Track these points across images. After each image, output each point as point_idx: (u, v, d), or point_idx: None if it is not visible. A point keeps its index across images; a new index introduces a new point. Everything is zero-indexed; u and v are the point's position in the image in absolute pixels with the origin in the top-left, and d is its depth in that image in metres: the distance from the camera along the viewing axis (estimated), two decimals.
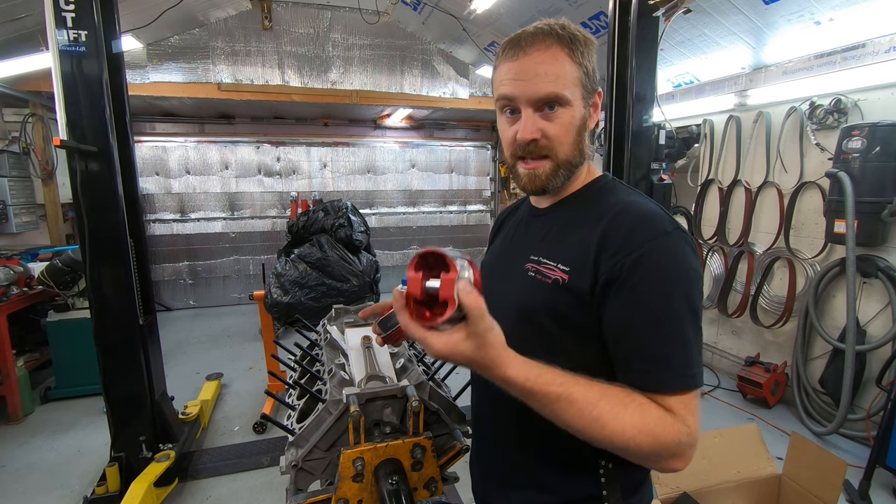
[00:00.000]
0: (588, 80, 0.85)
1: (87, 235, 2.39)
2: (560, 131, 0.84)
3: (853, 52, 3.06)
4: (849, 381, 2.96)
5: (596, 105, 0.89)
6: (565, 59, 0.83)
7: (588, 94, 0.86)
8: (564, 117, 0.84)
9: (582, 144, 0.88)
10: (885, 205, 2.86)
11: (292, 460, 1.24)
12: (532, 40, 0.85)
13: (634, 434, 0.74)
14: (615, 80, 3.17)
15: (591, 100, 0.87)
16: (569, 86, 0.83)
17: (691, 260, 0.79)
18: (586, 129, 0.88)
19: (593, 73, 0.86)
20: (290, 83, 5.54)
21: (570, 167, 0.89)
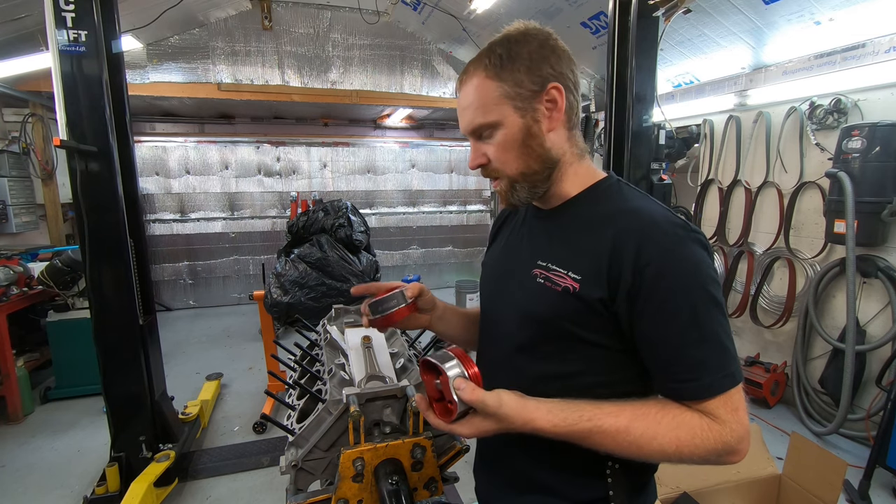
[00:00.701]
0: (519, 89, 0.84)
1: (87, 235, 2.39)
2: (498, 151, 0.86)
3: (853, 52, 3.06)
4: (849, 381, 2.96)
5: (552, 101, 0.85)
6: (485, 82, 0.84)
7: (524, 101, 0.84)
8: (498, 138, 0.86)
9: (537, 151, 0.86)
10: (885, 205, 2.86)
11: (292, 460, 1.24)
12: (462, 76, 0.89)
13: (675, 450, 0.75)
14: (615, 80, 3.17)
15: (532, 103, 0.84)
16: (491, 109, 0.84)
17: (707, 260, 0.80)
18: (536, 135, 0.85)
19: (527, 79, 0.84)
20: (290, 83, 5.55)
21: (530, 177, 0.88)
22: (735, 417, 0.77)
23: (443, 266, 7.94)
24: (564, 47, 0.89)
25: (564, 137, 0.89)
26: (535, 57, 0.85)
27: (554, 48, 0.87)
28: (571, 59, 0.90)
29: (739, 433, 0.76)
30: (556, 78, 0.85)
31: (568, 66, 0.88)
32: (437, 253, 7.87)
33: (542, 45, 0.86)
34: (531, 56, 0.85)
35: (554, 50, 0.87)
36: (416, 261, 7.75)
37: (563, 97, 0.85)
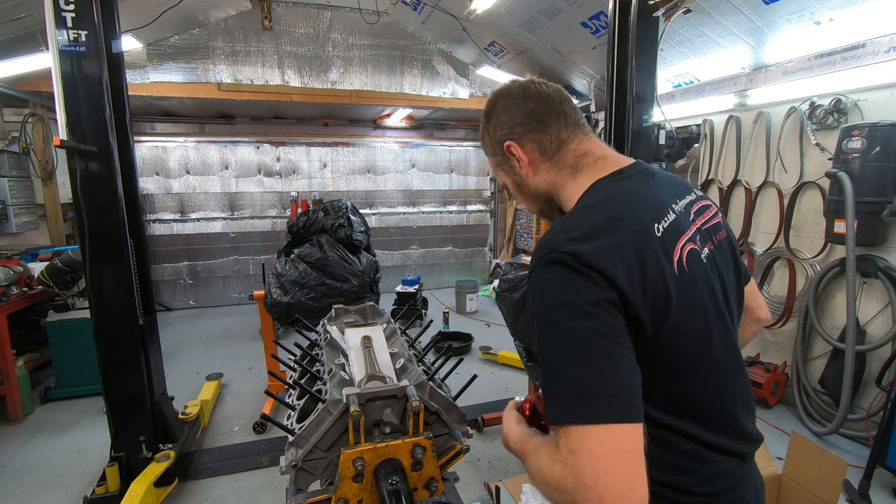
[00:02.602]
0: (494, 157, 1.01)
1: (87, 235, 2.39)
2: (518, 200, 1.08)
3: (853, 52, 3.06)
4: (849, 381, 2.96)
5: (511, 155, 0.96)
6: (487, 160, 1.07)
7: (502, 164, 1.01)
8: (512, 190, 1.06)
9: (529, 194, 1.01)
10: (885, 205, 2.86)
11: (292, 460, 1.24)
12: None
13: (537, 478, 0.74)
14: (615, 80, 3.17)
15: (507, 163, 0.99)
16: (497, 174, 1.07)
17: (556, 281, 0.73)
18: (521, 183, 1.00)
19: (492, 149, 1.00)
20: (290, 83, 5.54)
21: (540, 212, 1.04)
22: (570, 460, 0.65)
23: (443, 266, 7.94)
24: (513, 93, 0.96)
25: (547, 169, 0.95)
26: (489, 129, 0.99)
27: (497, 111, 0.97)
28: (528, 97, 0.94)
29: (578, 481, 0.63)
30: (507, 136, 0.95)
31: (517, 115, 0.94)
32: (437, 253, 7.87)
33: (490, 115, 0.99)
34: (487, 130, 1.00)
35: (497, 113, 0.97)
36: (416, 261, 7.75)
37: (519, 148, 0.95)
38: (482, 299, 6.75)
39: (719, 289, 0.85)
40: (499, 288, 2.86)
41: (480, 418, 3.32)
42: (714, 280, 0.84)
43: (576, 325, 0.70)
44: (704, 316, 0.80)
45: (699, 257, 0.83)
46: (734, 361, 0.87)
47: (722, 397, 0.85)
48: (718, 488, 0.83)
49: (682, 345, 0.78)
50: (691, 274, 0.79)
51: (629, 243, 0.74)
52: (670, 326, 0.75)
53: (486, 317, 6.18)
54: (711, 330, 0.81)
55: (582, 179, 0.91)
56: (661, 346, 0.75)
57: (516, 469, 2.87)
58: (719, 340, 0.83)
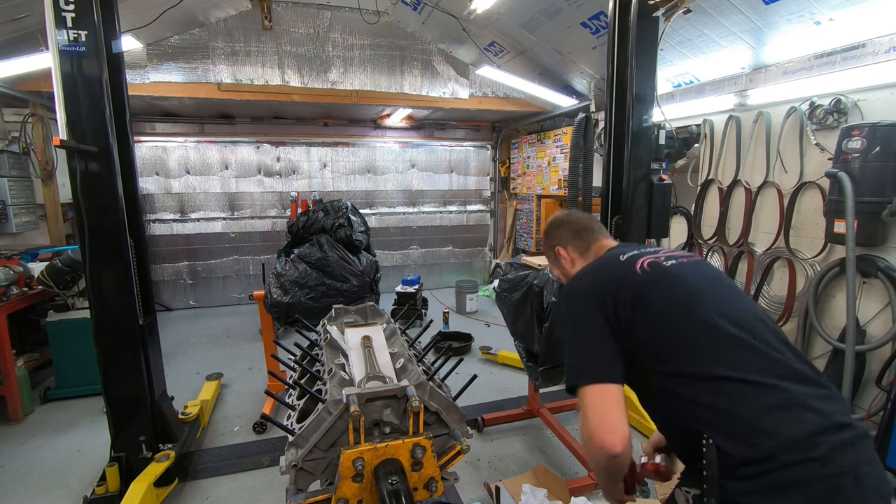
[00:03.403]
0: (551, 254, 1.61)
1: (87, 235, 2.39)
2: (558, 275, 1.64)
3: (853, 52, 3.06)
4: (849, 381, 2.95)
5: (560, 257, 1.56)
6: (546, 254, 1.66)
7: (555, 260, 1.59)
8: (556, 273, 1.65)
9: (565, 275, 1.56)
10: (885, 205, 2.86)
11: (292, 460, 1.24)
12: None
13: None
14: (615, 80, 3.17)
15: (558, 259, 1.57)
16: (552, 264, 1.65)
17: (567, 297, 1.29)
18: (563, 269, 1.56)
19: (550, 252, 1.60)
20: (290, 83, 5.54)
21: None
22: (583, 414, 1.09)
23: (443, 266, 7.94)
24: (558, 224, 1.59)
25: (581, 261, 1.51)
26: (548, 241, 1.61)
27: (551, 233, 1.60)
28: (570, 220, 1.57)
29: (590, 427, 1.06)
30: (558, 243, 1.56)
31: (564, 233, 1.55)
32: (437, 253, 7.87)
33: (548, 232, 1.61)
34: (547, 243, 1.62)
35: (550, 233, 1.60)
36: (416, 261, 7.75)
37: (565, 249, 1.54)
38: (482, 299, 6.75)
39: (693, 271, 1.25)
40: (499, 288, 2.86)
41: (480, 418, 3.32)
42: (683, 271, 1.23)
43: (575, 316, 1.22)
44: (675, 284, 1.19)
45: (661, 263, 1.24)
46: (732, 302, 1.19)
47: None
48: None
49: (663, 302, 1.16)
50: (652, 272, 1.21)
51: (604, 274, 1.27)
52: (644, 302, 1.15)
53: (486, 317, 6.18)
54: (689, 290, 1.18)
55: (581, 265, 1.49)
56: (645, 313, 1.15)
57: (516, 469, 2.87)
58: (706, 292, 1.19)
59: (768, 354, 1.06)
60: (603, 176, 3.42)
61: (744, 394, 1.01)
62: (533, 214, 7.15)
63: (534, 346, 2.57)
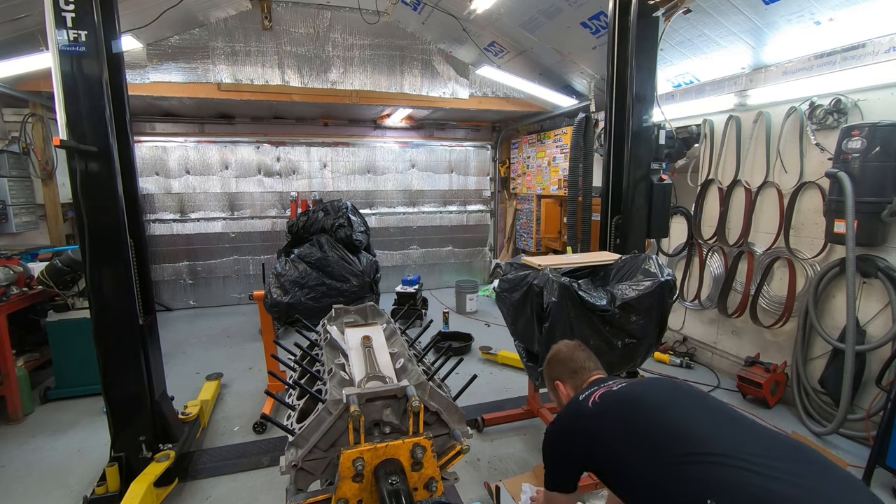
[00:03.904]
0: (550, 386, 1.81)
1: (87, 235, 2.39)
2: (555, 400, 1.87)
3: (853, 52, 3.06)
4: (849, 381, 2.96)
5: (556, 388, 1.77)
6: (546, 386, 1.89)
7: (554, 391, 1.80)
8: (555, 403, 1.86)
9: (560, 404, 1.76)
10: (885, 205, 2.86)
11: (292, 460, 1.24)
12: None
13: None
14: (615, 80, 3.17)
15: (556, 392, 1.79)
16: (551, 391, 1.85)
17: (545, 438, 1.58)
18: (558, 399, 1.78)
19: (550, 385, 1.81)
20: (290, 83, 5.54)
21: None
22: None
23: (443, 266, 7.94)
24: (560, 361, 1.78)
25: (570, 394, 1.69)
26: (549, 372, 1.82)
27: (553, 367, 1.79)
28: (574, 358, 1.76)
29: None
30: (557, 377, 1.76)
31: (564, 371, 1.75)
32: (437, 253, 7.87)
33: (550, 365, 1.81)
34: (548, 374, 1.82)
35: (552, 366, 1.80)
36: (416, 261, 7.75)
37: (563, 385, 1.74)
38: (482, 299, 6.75)
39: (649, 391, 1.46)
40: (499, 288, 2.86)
41: (480, 418, 3.32)
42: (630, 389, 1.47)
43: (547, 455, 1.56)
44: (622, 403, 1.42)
45: (611, 391, 1.47)
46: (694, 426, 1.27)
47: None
48: None
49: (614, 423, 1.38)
50: (601, 402, 1.43)
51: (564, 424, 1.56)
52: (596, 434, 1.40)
53: (486, 317, 6.18)
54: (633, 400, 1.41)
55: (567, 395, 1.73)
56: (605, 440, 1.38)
57: (516, 469, 2.87)
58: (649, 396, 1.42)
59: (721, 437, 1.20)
60: (603, 176, 3.43)
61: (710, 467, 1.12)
62: (533, 214, 7.15)
63: (534, 346, 2.57)
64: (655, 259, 2.52)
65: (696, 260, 4.54)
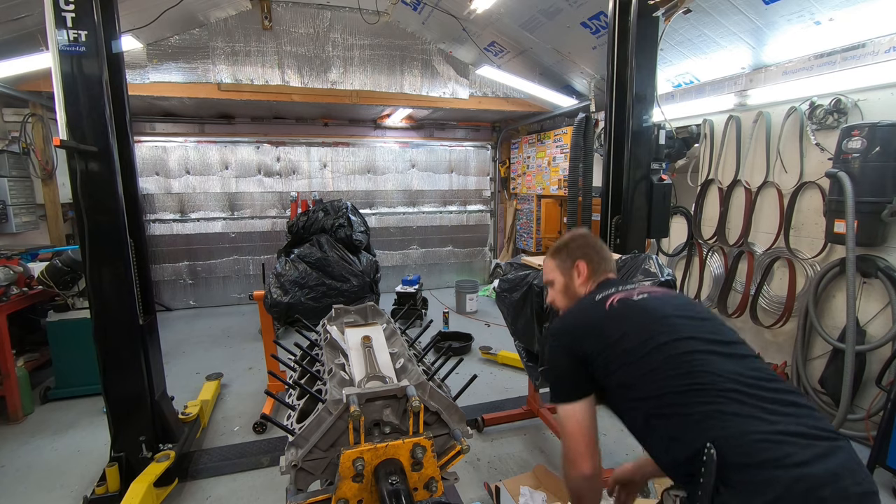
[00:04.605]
0: (563, 263, 1.62)
1: (87, 235, 2.39)
2: (554, 296, 1.68)
3: (853, 52, 3.06)
4: (849, 381, 2.95)
5: (575, 268, 1.59)
6: (550, 260, 1.67)
7: (566, 269, 1.61)
8: (555, 288, 1.66)
9: (570, 293, 1.61)
10: (885, 205, 2.86)
11: (292, 460, 1.24)
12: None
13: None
14: (615, 80, 3.17)
15: (569, 271, 1.60)
16: (550, 273, 1.67)
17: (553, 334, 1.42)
18: (569, 286, 1.61)
19: (567, 257, 1.61)
20: (290, 83, 5.54)
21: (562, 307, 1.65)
22: (561, 436, 1.35)
23: (443, 266, 7.94)
24: (592, 244, 1.61)
25: (585, 281, 1.57)
26: (569, 248, 1.63)
27: (582, 245, 1.61)
28: (595, 245, 1.61)
29: (563, 456, 1.33)
30: (582, 256, 1.58)
31: (592, 250, 1.59)
32: (437, 253, 7.87)
33: (573, 244, 1.62)
34: (567, 253, 1.62)
35: (581, 245, 1.61)
36: (416, 261, 7.75)
37: (586, 266, 1.57)
38: (482, 299, 6.75)
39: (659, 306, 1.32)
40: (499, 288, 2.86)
41: (480, 418, 3.32)
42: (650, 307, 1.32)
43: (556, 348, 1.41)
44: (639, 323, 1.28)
45: (631, 299, 1.35)
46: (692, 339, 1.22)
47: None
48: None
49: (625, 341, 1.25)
50: (620, 307, 1.34)
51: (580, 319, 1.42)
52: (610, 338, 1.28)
53: (486, 317, 6.18)
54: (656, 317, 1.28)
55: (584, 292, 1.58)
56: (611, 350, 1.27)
57: (516, 469, 2.88)
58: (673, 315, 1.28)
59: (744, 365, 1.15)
60: (603, 176, 3.42)
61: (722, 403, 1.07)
62: (533, 214, 7.15)
63: (534, 346, 2.57)
64: (655, 259, 2.52)
65: (696, 260, 4.54)
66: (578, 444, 1.26)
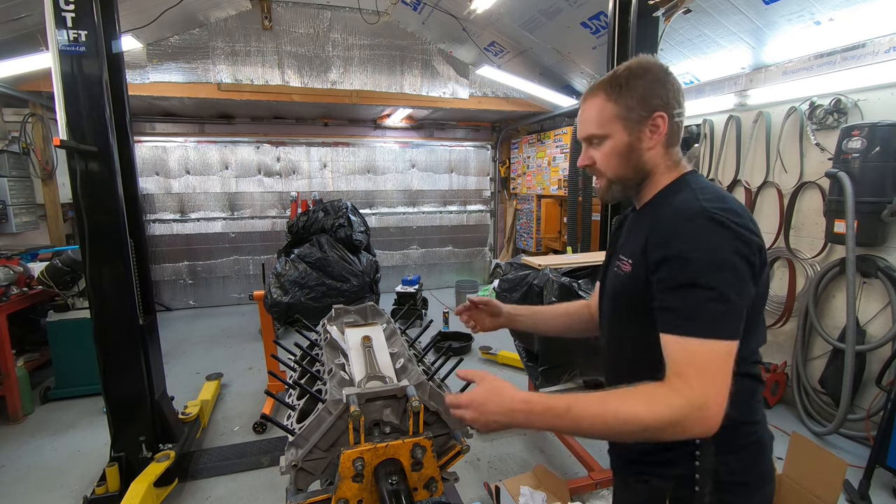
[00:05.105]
0: (631, 112, 1.01)
1: (87, 235, 2.39)
2: (602, 158, 1.06)
3: (853, 52, 3.06)
4: (849, 381, 2.95)
5: (654, 125, 1.01)
6: (605, 103, 1.03)
7: (632, 123, 1.02)
8: (605, 147, 1.05)
9: (634, 162, 1.04)
10: (885, 205, 2.86)
11: (292, 460, 1.24)
12: (586, 94, 1.09)
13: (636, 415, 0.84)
14: None
15: (640, 125, 1.02)
16: (604, 125, 1.04)
17: (707, 240, 0.88)
18: (636, 149, 1.03)
19: (639, 104, 1.01)
20: (290, 83, 5.54)
21: (625, 181, 1.07)
22: (695, 373, 0.83)
23: (443, 266, 7.94)
24: (676, 82, 1.04)
25: (661, 154, 1.05)
26: (648, 88, 1.01)
27: (665, 82, 1.02)
28: (679, 91, 1.04)
29: (695, 396, 0.82)
30: (663, 108, 1.01)
31: (675, 97, 1.02)
32: (437, 253, 7.87)
33: (656, 80, 1.01)
34: (645, 87, 1.01)
35: (665, 84, 1.02)
36: (416, 261, 7.75)
37: (665, 123, 1.01)
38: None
39: None
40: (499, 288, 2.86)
41: None
42: None
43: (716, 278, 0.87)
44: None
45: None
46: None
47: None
48: None
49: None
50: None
51: (753, 223, 0.93)
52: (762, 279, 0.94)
53: None
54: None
55: (669, 176, 1.06)
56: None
57: (516, 469, 2.88)
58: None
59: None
60: None
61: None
62: (533, 214, 7.15)
63: (534, 346, 2.57)
64: None
65: None
66: (722, 396, 0.83)
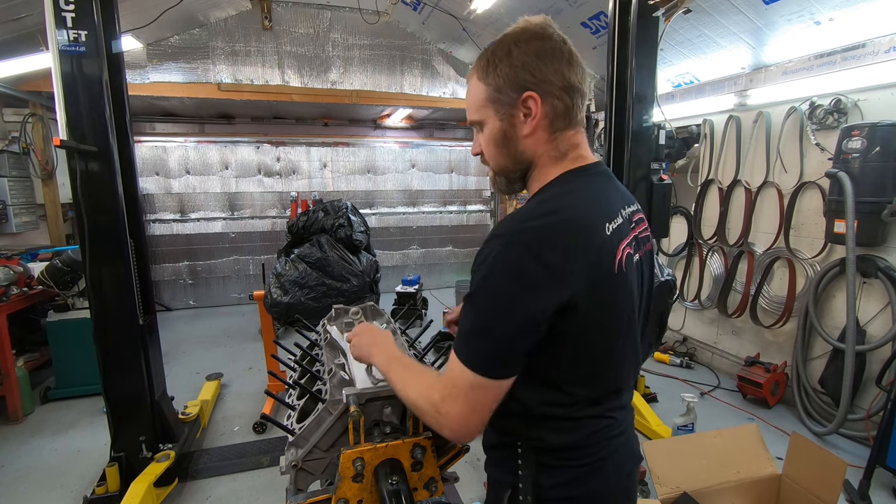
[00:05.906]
0: (500, 94, 0.88)
1: (87, 235, 2.39)
2: (485, 146, 0.96)
3: (853, 52, 3.06)
4: (849, 381, 2.96)
5: (526, 107, 0.87)
6: (477, 83, 0.91)
7: (503, 106, 0.88)
8: (485, 134, 0.94)
9: (510, 152, 0.92)
10: (885, 205, 2.86)
11: (292, 460, 1.24)
12: (469, 72, 0.97)
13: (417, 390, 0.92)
14: (615, 80, 3.17)
15: (512, 108, 0.88)
16: (479, 109, 0.92)
17: (497, 256, 0.81)
18: (511, 137, 0.90)
19: (507, 86, 0.87)
20: (290, 83, 5.55)
21: (506, 172, 0.97)
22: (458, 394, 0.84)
23: (443, 266, 7.94)
24: (562, 51, 0.86)
25: (543, 140, 0.90)
26: (518, 64, 0.86)
27: (542, 53, 0.85)
28: (572, 63, 0.87)
29: (457, 410, 0.84)
30: (536, 86, 0.85)
31: (559, 71, 0.86)
32: (437, 253, 7.87)
33: (531, 52, 0.86)
34: (514, 63, 0.86)
35: (541, 55, 0.85)
36: (416, 261, 7.75)
37: (538, 106, 0.86)
38: None
39: (638, 292, 0.95)
40: None
41: None
42: (638, 283, 0.94)
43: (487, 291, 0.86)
44: (621, 314, 0.88)
45: (633, 261, 0.90)
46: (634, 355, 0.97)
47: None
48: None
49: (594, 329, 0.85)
50: (626, 276, 0.86)
51: (582, 241, 0.80)
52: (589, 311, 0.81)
53: None
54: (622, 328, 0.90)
55: (559, 167, 0.92)
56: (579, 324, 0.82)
57: None
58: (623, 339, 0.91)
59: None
60: None
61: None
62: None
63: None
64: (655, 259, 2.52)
65: (696, 260, 4.54)
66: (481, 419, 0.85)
